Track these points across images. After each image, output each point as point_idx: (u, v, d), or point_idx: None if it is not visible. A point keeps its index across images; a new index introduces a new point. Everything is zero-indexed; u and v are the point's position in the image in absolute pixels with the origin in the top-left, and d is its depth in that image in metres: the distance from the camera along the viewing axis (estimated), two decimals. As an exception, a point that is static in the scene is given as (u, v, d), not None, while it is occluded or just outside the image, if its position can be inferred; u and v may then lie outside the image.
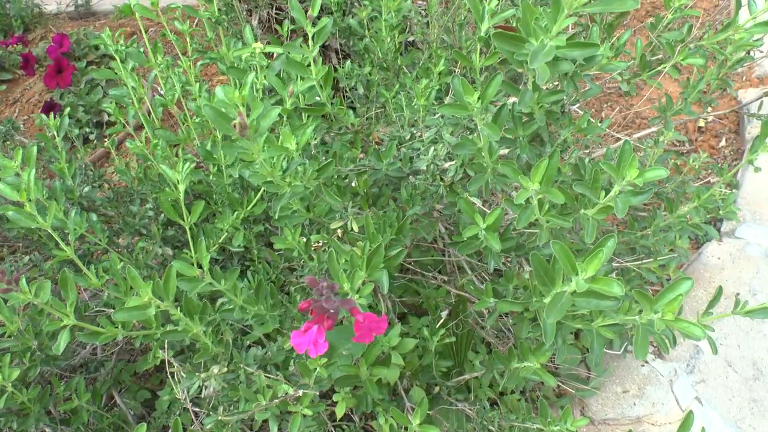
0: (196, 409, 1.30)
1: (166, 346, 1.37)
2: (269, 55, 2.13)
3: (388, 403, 1.73)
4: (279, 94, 1.55)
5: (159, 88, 2.50)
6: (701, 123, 2.76)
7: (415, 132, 1.54)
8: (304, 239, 1.49)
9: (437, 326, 1.63)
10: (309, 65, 1.45)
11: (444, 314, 1.70)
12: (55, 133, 1.89)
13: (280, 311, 1.49)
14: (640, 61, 1.44)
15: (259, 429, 1.60)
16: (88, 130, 3.06)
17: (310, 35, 1.37)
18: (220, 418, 1.24)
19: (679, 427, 1.21)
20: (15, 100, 3.33)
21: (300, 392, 1.18)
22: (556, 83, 1.23)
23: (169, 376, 1.30)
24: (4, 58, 3.42)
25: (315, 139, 1.50)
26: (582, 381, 1.93)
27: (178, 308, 1.20)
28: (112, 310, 1.76)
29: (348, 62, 1.93)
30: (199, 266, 1.29)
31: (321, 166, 1.26)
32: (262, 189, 1.71)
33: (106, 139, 2.84)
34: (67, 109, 1.98)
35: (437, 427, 1.27)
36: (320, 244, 1.63)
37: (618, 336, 1.18)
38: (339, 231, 1.63)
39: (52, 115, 1.89)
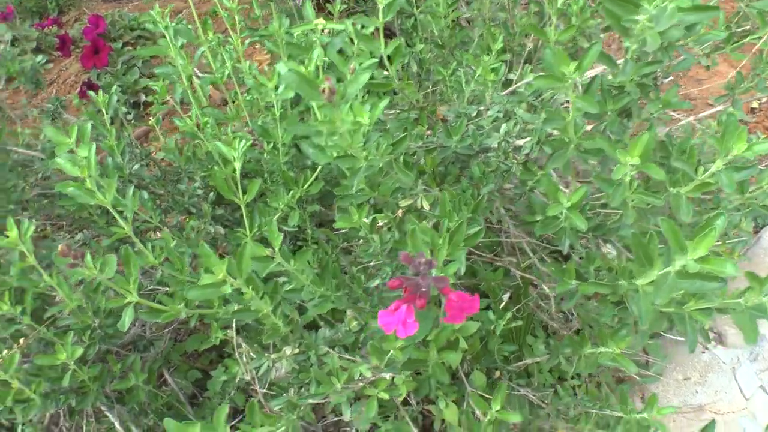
0: (264, 391, 1.27)
1: (234, 325, 1.34)
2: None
3: (449, 387, 1.69)
4: (339, 71, 1.50)
5: (197, 70, 2.43)
6: (754, 104, 2.68)
7: (481, 109, 1.48)
8: (369, 218, 1.45)
9: (500, 309, 1.58)
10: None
11: (505, 297, 1.65)
12: (104, 110, 1.86)
13: (343, 292, 1.45)
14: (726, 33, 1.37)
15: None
16: (125, 110, 3.03)
17: (380, 6, 1.32)
18: (291, 400, 1.20)
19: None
20: (51, 81, 3.31)
21: (385, 375, 1.14)
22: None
23: (237, 356, 1.27)
24: (41, 40, 3.39)
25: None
26: (641, 367, 1.88)
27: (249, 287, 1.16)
28: (166, 288, 1.74)
29: (400, 39, 1.88)
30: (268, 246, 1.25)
31: (396, 141, 1.21)
32: (319, 168, 1.67)
33: (150, 118, 2.82)
34: (114, 87, 1.94)
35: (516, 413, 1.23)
36: (381, 224, 1.58)
37: (709, 319, 1.13)
38: (400, 211, 1.58)
39: (100, 92, 1.87)
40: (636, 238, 0.95)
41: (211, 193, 1.89)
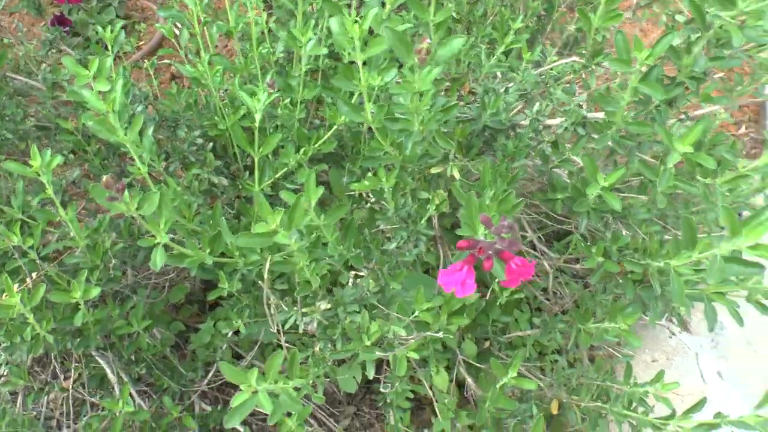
0: (288, 345, 1.28)
1: (266, 276, 1.33)
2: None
3: (441, 355, 1.74)
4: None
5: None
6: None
7: (509, 86, 1.52)
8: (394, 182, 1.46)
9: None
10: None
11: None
12: (109, 46, 1.80)
13: (359, 252, 1.46)
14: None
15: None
16: (129, 48, 2.92)
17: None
18: (318, 355, 1.22)
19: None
20: (12, 13, 3.14)
21: (420, 335, 1.17)
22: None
23: (266, 307, 1.27)
24: (7, -35, 3.21)
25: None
26: (613, 347, 1.98)
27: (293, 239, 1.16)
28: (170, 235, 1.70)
29: (451, 8, 1.89)
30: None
31: (446, 107, 1.23)
32: (335, 128, 1.66)
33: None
34: (119, 23, 1.88)
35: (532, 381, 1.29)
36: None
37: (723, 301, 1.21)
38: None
39: (108, 27, 1.80)
40: (687, 220, 1.01)
41: (211, 144, 1.86)
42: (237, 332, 1.63)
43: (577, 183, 1.30)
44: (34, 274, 1.35)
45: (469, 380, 1.69)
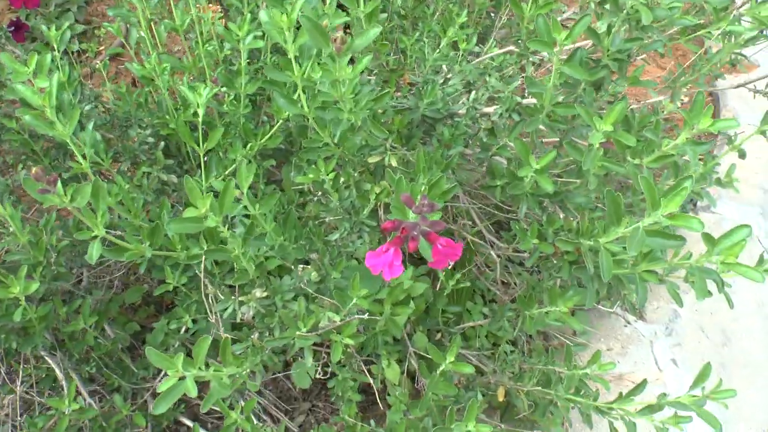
0: (227, 335, 1.28)
1: (203, 265, 1.33)
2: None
3: (392, 347, 1.74)
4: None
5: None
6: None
7: (449, 77, 1.54)
8: (333, 174, 1.47)
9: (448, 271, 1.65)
10: None
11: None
12: (56, 45, 1.80)
13: (301, 243, 1.46)
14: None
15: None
16: (76, 47, 2.92)
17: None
18: (255, 343, 1.22)
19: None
20: (-30, 18, 3.12)
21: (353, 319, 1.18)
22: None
23: (204, 297, 1.27)
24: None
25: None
26: (569, 337, 2.00)
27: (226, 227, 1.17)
28: (118, 232, 1.70)
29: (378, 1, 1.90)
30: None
31: (377, 96, 1.24)
32: (279, 122, 1.67)
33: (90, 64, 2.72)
34: (66, 23, 1.88)
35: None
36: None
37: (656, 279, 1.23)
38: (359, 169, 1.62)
39: (53, 27, 1.80)
40: (611, 196, 1.03)
41: (162, 142, 1.86)
42: (188, 330, 1.63)
43: (512, 167, 1.31)
44: (-30, 271, 1.34)
45: (417, 369, 1.70)
